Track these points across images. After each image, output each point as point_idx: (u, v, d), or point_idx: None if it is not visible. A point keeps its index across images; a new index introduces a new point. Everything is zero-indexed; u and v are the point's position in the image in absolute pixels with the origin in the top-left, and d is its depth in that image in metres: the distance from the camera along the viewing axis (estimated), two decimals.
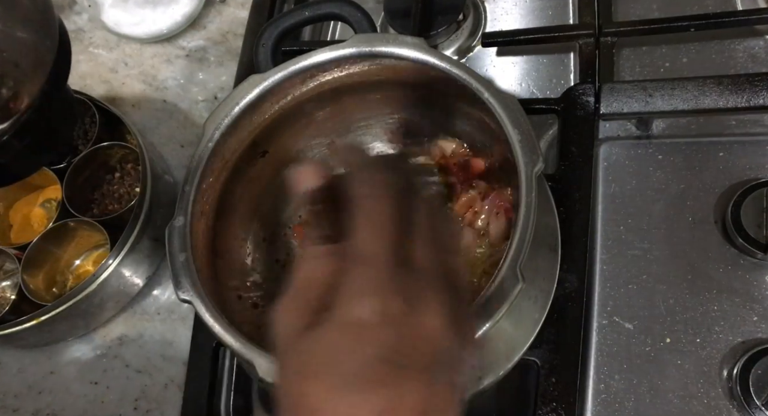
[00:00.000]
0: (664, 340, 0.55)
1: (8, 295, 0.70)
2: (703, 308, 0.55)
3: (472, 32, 0.74)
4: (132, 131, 0.67)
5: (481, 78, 0.48)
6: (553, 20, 0.73)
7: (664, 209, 0.59)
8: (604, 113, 0.59)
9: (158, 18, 0.80)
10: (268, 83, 0.53)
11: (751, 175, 0.57)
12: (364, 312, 0.28)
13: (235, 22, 0.83)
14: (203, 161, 0.51)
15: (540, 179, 0.49)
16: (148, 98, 0.80)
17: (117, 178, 0.73)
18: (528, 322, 0.50)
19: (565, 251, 0.53)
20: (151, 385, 0.66)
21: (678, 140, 0.61)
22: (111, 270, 0.63)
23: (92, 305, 0.64)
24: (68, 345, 0.69)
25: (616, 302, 0.57)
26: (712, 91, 0.56)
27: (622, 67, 0.66)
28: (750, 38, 0.64)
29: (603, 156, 0.62)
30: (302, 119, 0.59)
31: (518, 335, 0.50)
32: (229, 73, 0.79)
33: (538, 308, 0.50)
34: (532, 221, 0.43)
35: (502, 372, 0.49)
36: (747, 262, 0.55)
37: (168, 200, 0.69)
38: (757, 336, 0.53)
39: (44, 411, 0.67)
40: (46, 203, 0.74)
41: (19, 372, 0.69)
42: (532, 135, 0.45)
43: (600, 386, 0.54)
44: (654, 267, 0.57)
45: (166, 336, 0.68)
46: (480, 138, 0.59)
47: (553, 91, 0.69)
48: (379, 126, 0.63)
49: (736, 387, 0.50)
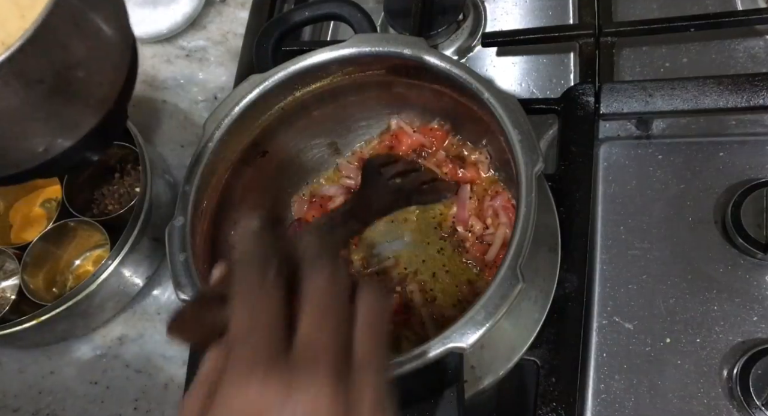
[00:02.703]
0: (664, 340, 0.55)
1: (8, 295, 0.70)
2: (703, 309, 0.55)
3: (472, 32, 0.74)
4: (132, 131, 0.67)
5: (481, 78, 0.48)
6: (553, 20, 0.73)
7: (664, 209, 0.59)
8: (604, 113, 0.59)
9: (158, 18, 0.80)
10: (268, 83, 0.53)
11: (751, 175, 0.57)
12: (245, 398, 0.27)
13: (235, 22, 0.83)
14: (203, 161, 0.52)
15: (540, 179, 0.49)
16: (148, 98, 0.80)
17: (117, 178, 0.73)
18: (528, 322, 0.50)
19: (565, 251, 0.53)
20: (151, 385, 0.66)
21: (678, 140, 0.61)
22: (111, 270, 0.63)
23: (92, 306, 0.64)
24: (68, 345, 0.69)
25: (616, 302, 0.57)
26: (712, 91, 0.56)
27: (622, 67, 0.66)
28: (750, 38, 0.64)
29: (603, 156, 0.62)
30: (302, 119, 0.59)
31: (518, 335, 0.50)
32: (229, 73, 0.79)
33: (538, 308, 0.51)
34: (532, 221, 0.43)
35: (502, 372, 0.49)
36: (747, 262, 0.55)
37: (168, 200, 0.69)
38: (757, 336, 0.53)
39: (44, 411, 0.67)
40: (46, 203, 0.74)
41: (19, 372, 0.69)
42: (532, 135, 0.45)
43: (600, 386, 0.54)
44: (654, 267, 0.57)
45: (166, 336, 0.68)
46: (480, 138, 0.59)
47: (553, 91, 0.69)
48: (379, 126, 0.63)
49: (736, 387, 0.50)
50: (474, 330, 0.40)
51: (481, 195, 0.59)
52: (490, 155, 0.59)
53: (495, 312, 0.41)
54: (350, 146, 0.64)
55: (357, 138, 0.64)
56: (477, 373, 0.48)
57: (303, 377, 0.28)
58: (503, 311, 0.41)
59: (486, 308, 0.41)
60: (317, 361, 0.29)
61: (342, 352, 0.30)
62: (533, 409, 0.51)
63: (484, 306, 0.41)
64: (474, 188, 0.59)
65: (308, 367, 0.28)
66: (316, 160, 0.64)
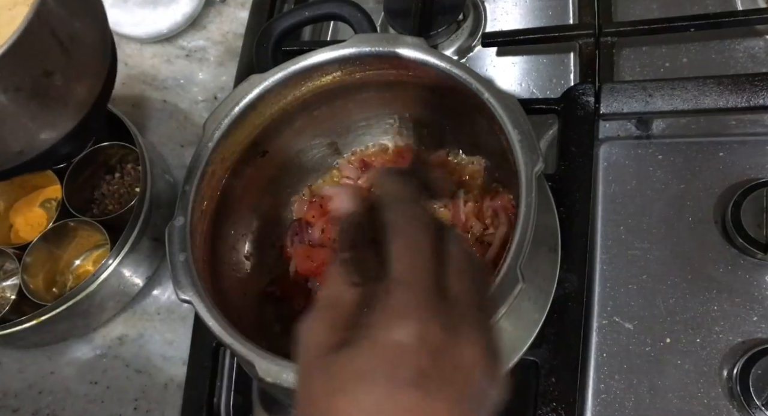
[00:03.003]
0: (664, 340, 0.54)
1: (8, 295, 0.70)
2: (703, 309, 0.55)
3: (472, 32, 0.74)
4: (132, 131, 0.67)
5: (481, 78, 0.48)
6: (553, 20, 0.73)
7: (664, 209, 0.59)
8: (604, 113, 0.59)
9: (158, 18, 0.80)
10: (268, 83, 0.53)
11: (751, 175, 0.57)
12: (401, 335, 0.28)
13: (235, 22, 0.83)
14: (203, 161, 0.52)
15: (540, 179, 0.49)
16: (148, 98, 0.80)
17: (117, 178, 0.73)
18: (528, 322, 0.50)
19: (565, 251, 0.53)
20: (151, 385, 0.66)
21: (678, 140, 0.61)
22: (111, 270, 0.63)
23: (92, 306, 0.64)
24: (68, 345, 0.69)
25: (616, 302, 0.56)
26: (712, 91, 0.56)
27: (622, 67, 0.66)
28: (750, 38, 0.64)
29: (603, 156, 0.62)
30: (302, 119, 0.59)
31: (518, 335, 0.50)
32: (229, 73, 0.79)
33: (538, 309, 0.50)
34: (532, 221, 0.43)
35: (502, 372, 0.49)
36: (747, 262, 0.55)
37: (168, 200, 0.69)
38: (757, 336, 0.53)
39: (44, 411, 0.67)
40: (46, 203, 0.74)
41: (19, 372, 0.69)
42: (532, 135, 0.45)
43: (600, 386, 0.54)
44: (654, 267, 0.57)
45: (166, 336, 0.68)
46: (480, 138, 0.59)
47: (553, 91, 0.69)
48: (379, 126, 0.63)
49: (736, 387, 0.50)
50: None
51: (477, 198, 0.59)
52: (483, 162, 0.59)
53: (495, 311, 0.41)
54: (350, 146, 0.64)
55: (357, 138, 0.64)
56: None
57: (462, 333, 0.29)
58: (503, 311, 0.40)
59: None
60: (473, 318, 0.30)
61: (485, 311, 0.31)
62: (533, 409, 0.51)
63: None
64: (468, 192, 0.59)
65: (467, 322, 0.29)
66: (316, 160, 0.64)
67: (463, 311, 0.30)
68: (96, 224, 0.66)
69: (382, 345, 0.28)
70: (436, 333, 0.28)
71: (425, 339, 0.28)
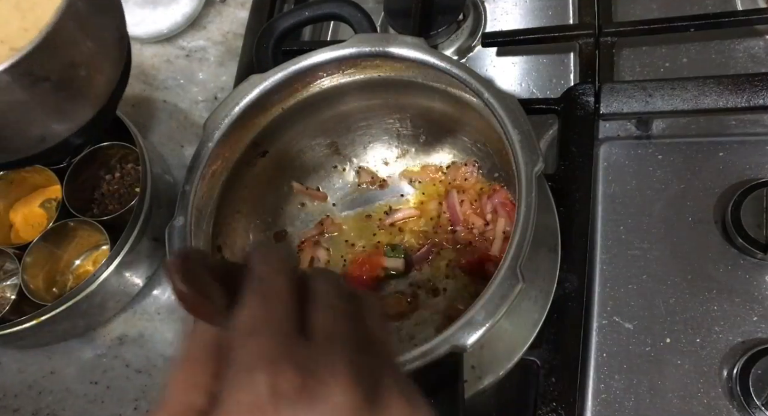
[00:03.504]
0: (664, 340, 0.54)
1: (8, 295, 0.70)
2: (703, 308, 0.55)
3: (472, 32, 0.74)
4: (132, 131, 0.67)
5: (481, 78, 0.48)
6: (553, 20, 0.73)
7: (664, 209, 0.59)
8: (604, 113, 0.59)
9: (158, 18, 0.80)
10: (268, 83, 0.53)
11: (751, 175, 0.57)
12: (252, 391, 0.26)
13: (235, 22, 0.83)
14: (203, 161, 0.52)
15: (540, 179, 0.49)
16: (148, 98, 0.80)
17: (117, 178, 0.73)
18: (528, 322, 0.50)
19: (565, 251, 0.53)
20: (151, 385, 0.66)
21: (678, 140, 0.61)
22: (111, 270, 0.63)
23: (92, 306, 0.64)
24: (68, 345, 0.69)
25: (616, 302, 0.56)
26: (712, 91, 0.56)
27: (622, 67, 0.66)
28: (750, 38, 0.64)
29: (603, 156, 0.62)
30: (302, 119, 0.59)
31: (518, 335, 0.50)
32: (229, 73, 0.79)
33: (538, 309, 0.51)
34: (532, 221, 0.43)
35: (502, 372, 0.49)
36: (747, 262, 0.55)
37: (168, 200, 0.69)
38: (757, 336, 0.53)
39: (44, 411, 0.67)
40: (46, 203, 0.74)
41: (19, 372, 0.69)
42: (532, 135, 0.45)
43: (600, 386, 0.54)
44: (654, 267, 0.57)
45: (166, 336, 0.68)
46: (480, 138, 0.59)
47: (553, 92, 0.69)
48: (379, 126, 0.63)
49: (736, 387, 0.50)
50: (474, 330, 0.40)
51: (473, 197, 0.59)
52: (476, 164, 0.60)
53: (495, 312, 0.41)
54: (350, 146, 0.64)
55: (357, 138, 0.64)
56: (477, 373, 0.48)
57: (323, 369, 0.27)
58: (503, 311, 0.41)
59: (486, 308, 0.41)
60: (335, 352, 0.28)
61: (358, 345, 0.29)
62: (533, 409, 0.51)
63: (484, 306, 0.41)
64: (464, 192, 0.60)
65: (328, 357, 0.27)
66: (316, 160, 0.64)
67: (327, 348, 0.28)
68: (96, 224, 0.66)
69: (237, 405, 0.26)
70: (291, 378, 0.26)
71: (278, 387, 0.26)
